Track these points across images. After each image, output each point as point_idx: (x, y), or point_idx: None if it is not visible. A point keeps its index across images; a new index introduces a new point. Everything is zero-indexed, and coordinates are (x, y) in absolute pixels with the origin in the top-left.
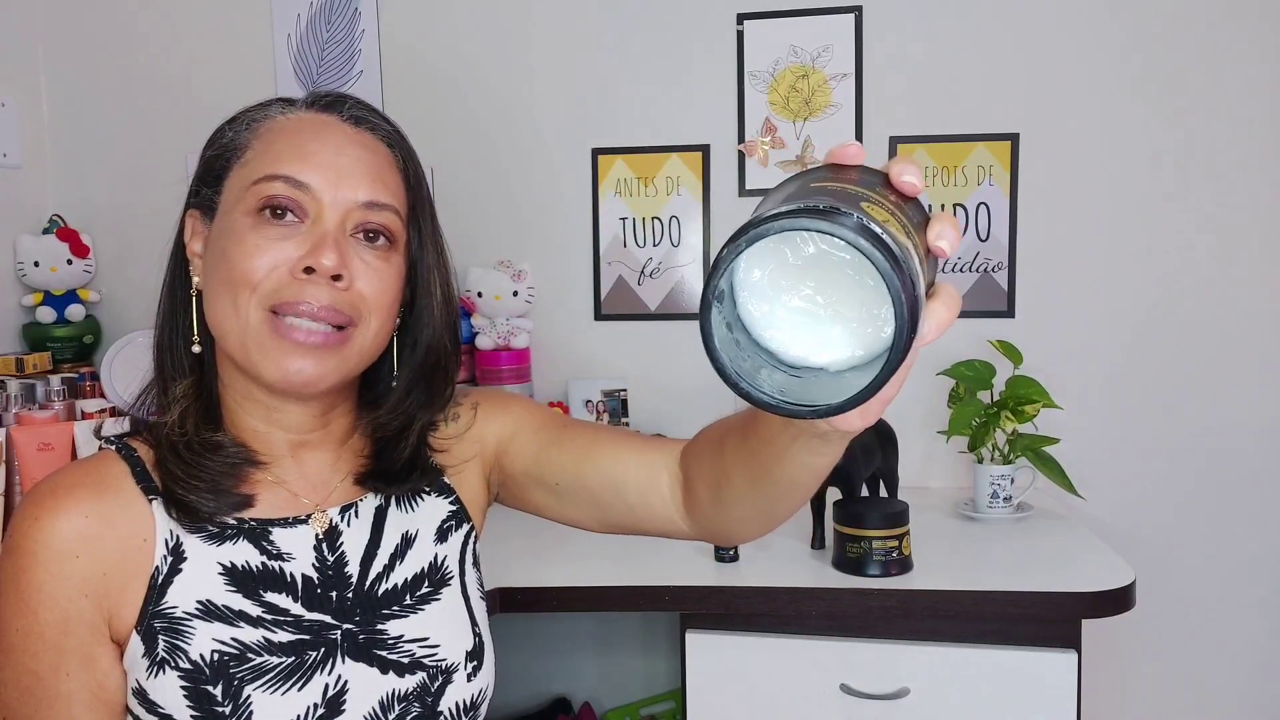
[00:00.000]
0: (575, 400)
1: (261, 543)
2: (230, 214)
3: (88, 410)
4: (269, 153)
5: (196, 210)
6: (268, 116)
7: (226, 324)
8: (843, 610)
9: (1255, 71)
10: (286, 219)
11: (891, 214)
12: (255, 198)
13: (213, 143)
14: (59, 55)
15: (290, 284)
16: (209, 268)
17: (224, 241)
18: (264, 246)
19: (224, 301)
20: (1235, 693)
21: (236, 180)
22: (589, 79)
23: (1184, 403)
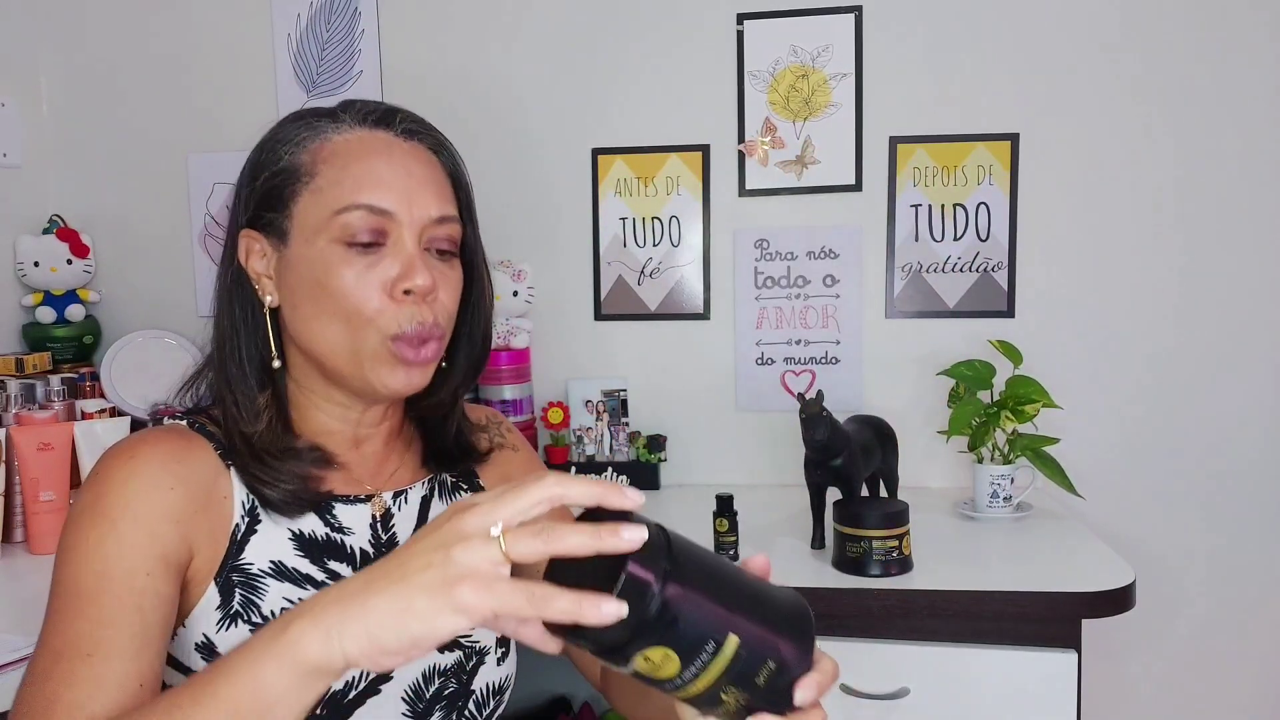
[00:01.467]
0: (575, 400)
1: (325, 515)
2: (313, 242)
3: (88, 410)
4: (345, 180)
5: (257, 231)
6: (323, 135)
7: (336, 345)
8: (843, 610)
9: (1256, 71)
10: (372, 248)
11: None
12: (343, 228)
13: (265, 166)
14: (59, 55)
15: (399, 312)
16: (298, 292)
17: (315, 270)
18: (363, 277)
19: (333, 327)
20: (1235, 692)
21: (312, 206)
22: (589, 79)
23: (1184, 403)
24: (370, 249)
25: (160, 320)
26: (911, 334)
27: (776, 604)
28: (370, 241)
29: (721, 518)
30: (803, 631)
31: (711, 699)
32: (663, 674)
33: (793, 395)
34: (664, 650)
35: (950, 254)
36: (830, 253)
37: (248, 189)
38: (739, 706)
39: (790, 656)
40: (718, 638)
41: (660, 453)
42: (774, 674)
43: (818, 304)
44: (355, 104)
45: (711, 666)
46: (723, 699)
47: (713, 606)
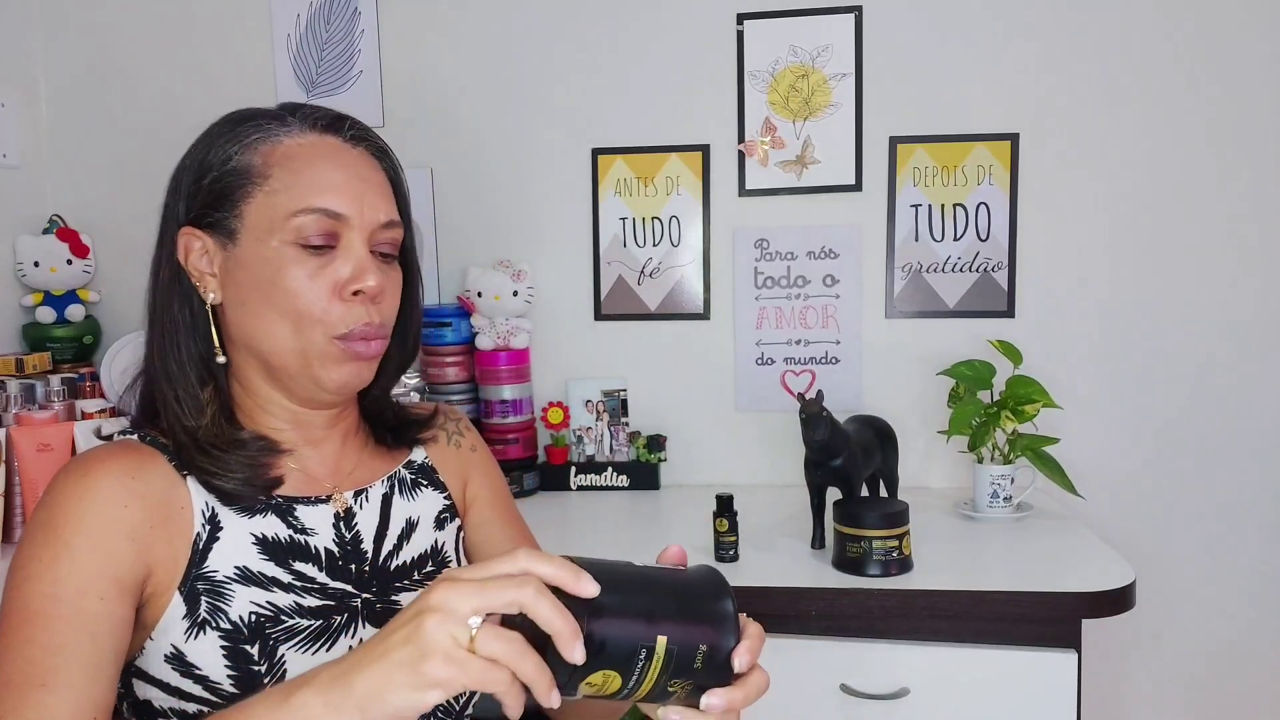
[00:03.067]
0: (575, 400)
1: (287, 517)
2: (266, 242)
3: (87, 410)
4: (298, 184)
5: (198, 229)
6: (274, 137)
7: (282, 344)
8: (843, 610)
9: (1256, 70)
10: (323, 251)
11: None
12: (297, 230)
13: (211, 165)
14: (58, 55)
15: (347, 312)
16: (247, 290)
17: (267, 270)
18: (314, 278)
19: (282, 325)
20: (1235, 692)
21: (265, 208)
22: (589, 79)
23: (1184, 403)
24: (322, 251)
25: None
26: (911, 334)
27: (693, 592)
28: (322, 244)
29: (721, 518)
30: (722, 608)
31: (660, 694)
32: (609, 690)
33: (793, 395)
34: (603, 673)
35: (950, 254)
36: (830, 253)
37: (191, 186)
38: (687, 692)
39: (717, 636)
40: (648, 646)
41: (660, 453)
42: (708, 654)
43: (818, 304)
44: (301, 108)
45: (650, 671)
46: (670, 691)
47: (634, 621)
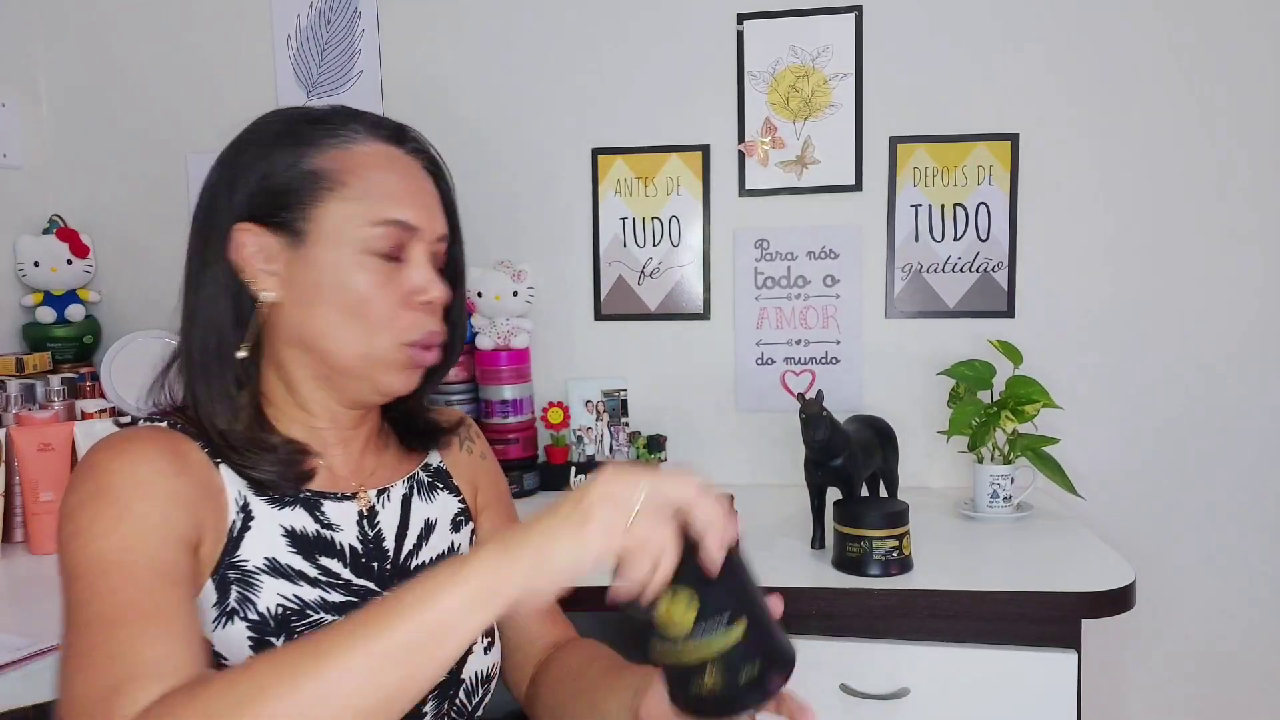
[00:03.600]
0: (575, 400)
1: (315, 512)
2: (338, 246)
3: (88, 410)
4: (374, 193)
5: (259, 225)
6: (344, 143)
7: (349, 347)
8: (843, 610)
9: (1256, 70)
10: (393, 259)
11: None
12: (373, 239)
13: (279, 164)
14: (59, 56)
15: (414, 320)
16: (315, 292)
17: (339, 274)
18: (385, 285)
19: (348, 329)
20: (1235, 692)
21: (341, 214)
22: (589, 79)
23: (1185, 403)
24: (391, 260)
25: (160, 320)
26: (911, 334)
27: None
28: (392, 254)
29: None
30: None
31: (695, 673)
32: (675, 627)
33: (793, 395)
34: (690, 595)
35: (950, 254)
36: (830, 253)
37: (255, 183)
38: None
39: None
40: (734, 614)
41: (660, 453)
42: (753, 680)
43: (818, 304)
44: (362, 115)
45: (716, 638)
46: (704, 680)
47: (743, 591)
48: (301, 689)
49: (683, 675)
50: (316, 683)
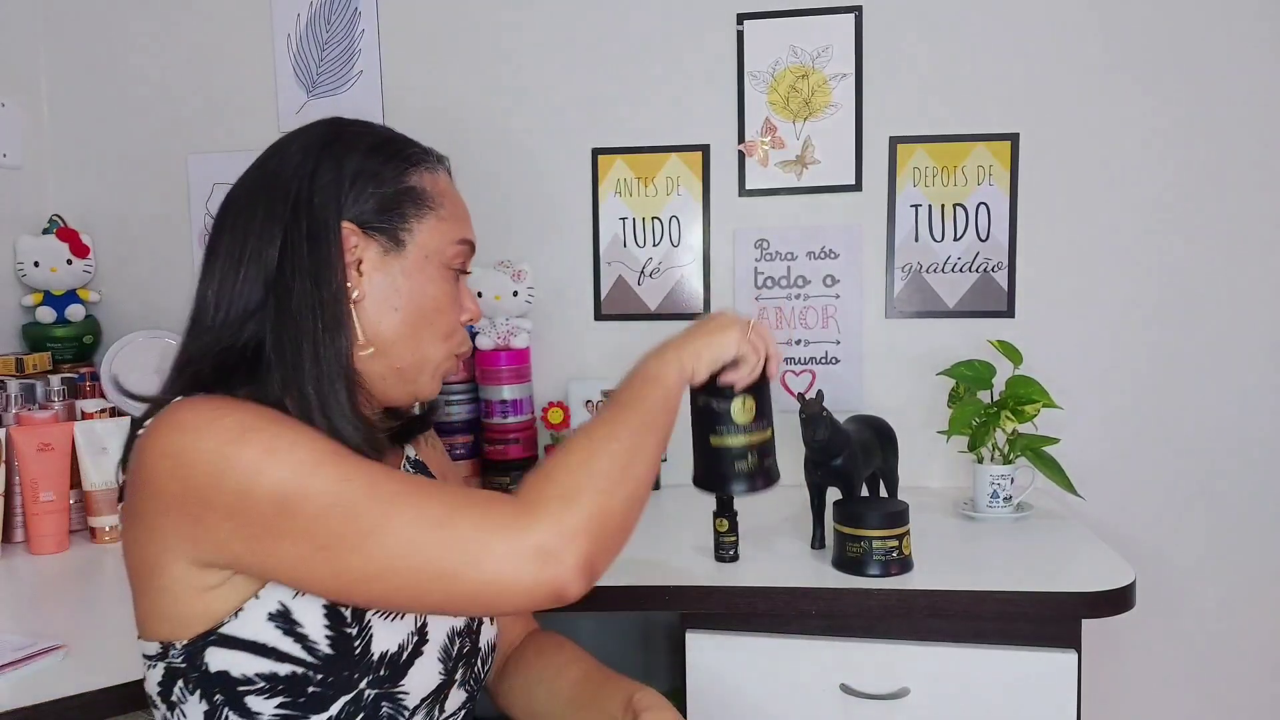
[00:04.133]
0: (575, 400)
1: None
2: (430, 259)
3: (87, 410)
4: (457, 217)
5: (361, 228)
6: (430, 169)
7: (413, 351)
8: (843, 610)
9: (1256, 71)
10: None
11: None
12: (458, 258)
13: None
14: (59, 56)
15: (464, 334)
16: (402, 298)
17: (424, 284)
18: (454, 301)
19: (419, 334)
20: (1235, 692)
21: (433, 231)
22: (589, 79)
23: (1184, 402)
24: (457, 278)
25: (160, 320)
26: (911, 334)
27: None
28: (462, 272)
29: (721, 518)
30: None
31: (738, 455)
32: (741, 416)
33: (793, 395)
34: (752, 400)
35: (950, 254)
36: (830, 253)
37: (367, 190)
38: (742, 471)
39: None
40: (769, 422)
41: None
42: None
43: (818, 304)
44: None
45: (759, 433)
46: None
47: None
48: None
49: (729, 456)
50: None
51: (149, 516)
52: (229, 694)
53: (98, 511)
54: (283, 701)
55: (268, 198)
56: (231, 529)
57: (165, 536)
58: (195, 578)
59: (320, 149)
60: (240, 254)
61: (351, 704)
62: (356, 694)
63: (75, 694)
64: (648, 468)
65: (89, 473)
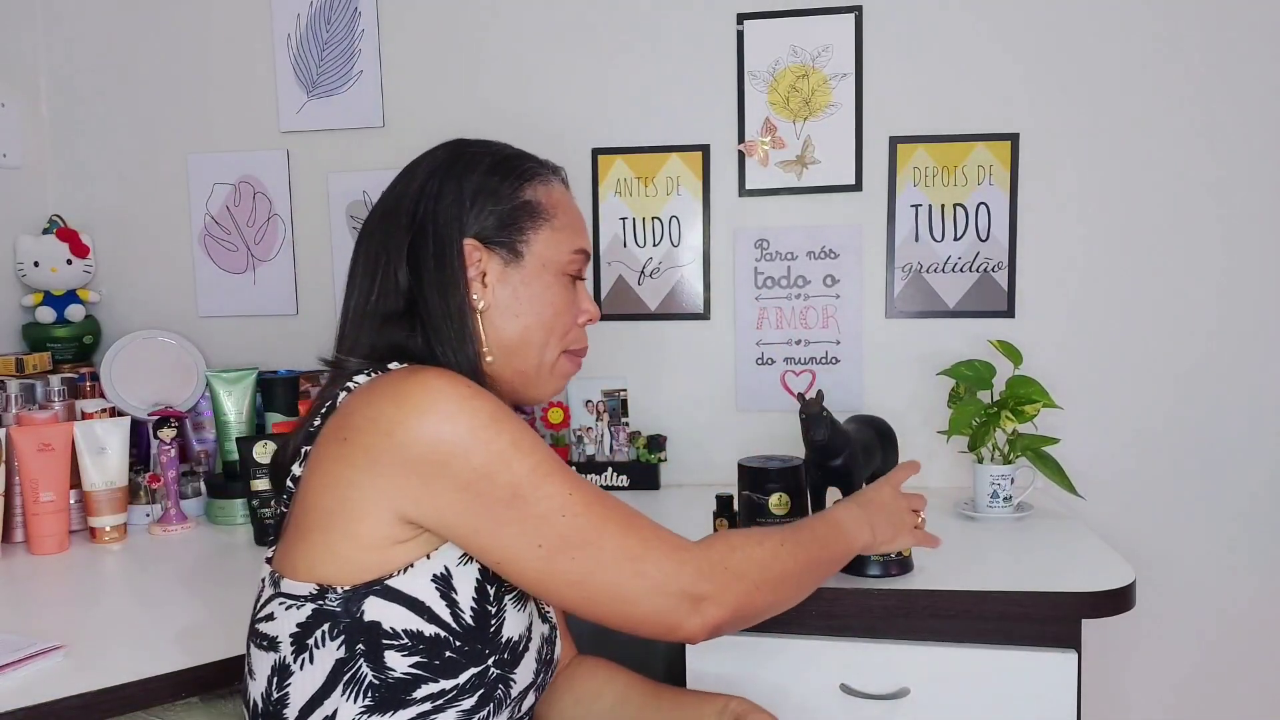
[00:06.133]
0: (575, 400)
1: None
2: (547, 267)
3: (88, 410)
4: (572, 226)
5: (483, 243)
6: (546, 182)
7: (535, 354)
8: (843, 610)
9: (1257, 70)
10: (575, 283)
11: None
12: (573, 265)
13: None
14: (59, 56)
15: (580, 334)
16: (522, 305)
17: (541, 290)
18: (571, 305)
19: (539, 336)
20: (1235, 692)
21: (550, 241)
22: (589, 79)
23: (1184, 402)
24: (574, 283)
25: (160, 320)
26: (911, 334)
27: None
28: (577, 277)
29: (721, 518)
30: None
31: None
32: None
33: (793, 395)
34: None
35: (950, 254)
36: (830, 253)
37: (486, 208)
38: None
39: None
40: None
41: (660, 453)
42: None
43: (818, 304)
44: (547, 162)
45: None
46: None
47: None
48: (802, 583)
49: None
50: (801, 577)
51: (370, 463)
52: (371, 644)
53: (98, 511)
54: (419, 661)
55: (396, 218)
56: (461, 502)
57: (385, 486)
58: (392, 530)
59: (444, 171)
60: (375, 270)
61: (477, 677)
62: (483, 669)
63: (75, 694)
64: (797, 592)
65: (89, 473)
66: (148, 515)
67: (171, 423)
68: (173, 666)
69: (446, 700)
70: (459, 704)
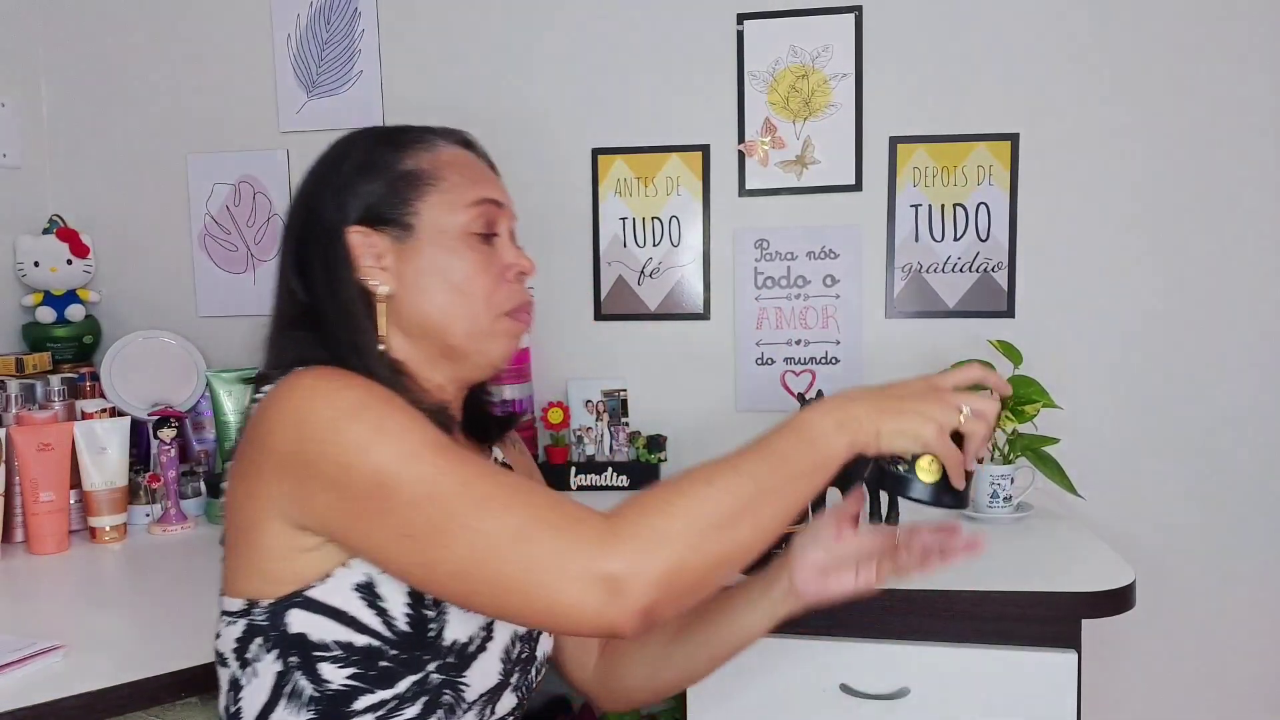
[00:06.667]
0: (575, 400)
1: None
2: (444, 233)
3: (87, 410)
4: (467, 182)
5: (371, 227)
6: (433, 147)
7: (458, 324)
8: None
9: (1256, 71)
10: (488, 239)
11: None
12: (477, 223)
13: (380, 170)
14: (59, 56)
15: (510, 291)
16: (425, 279)
17: (444, 258)
18: (485, 264)
19: (457, 307)
20: (1235, 692)
21: (440, 205)
22: (589, 79)
23: (1184, 402)
24: (487, 240)
25: (160, 320)
26: (911, 334)
27: None
28: (489, 233)
29: None
30: None
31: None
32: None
33: (793, 395)
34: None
35: (950, 254)
36: (830, 253)
37: (364, 189)
38: None
39: None
40: None
41: (660, 453)
42: None
43: (818, 304)
44: (433, 128)
45: None
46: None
47: None
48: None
49: None
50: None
51: (258, 474)
52: (304, 657)
53: (98, 511)
54: (354, 673)
55: (288, 226)
56: (330, 500)
57: (271, 495)
58: (292, 539)
59: (325, 165)
60: (281, 276)
61: (417, 685)
62: (423, 676)
63: (75, 694)
64: (756, 534)
65: (89, 473)
66: (148, 515)
67: (171, 423)
68: (172, 666)
69: (388, 710)
70: (401, 713)
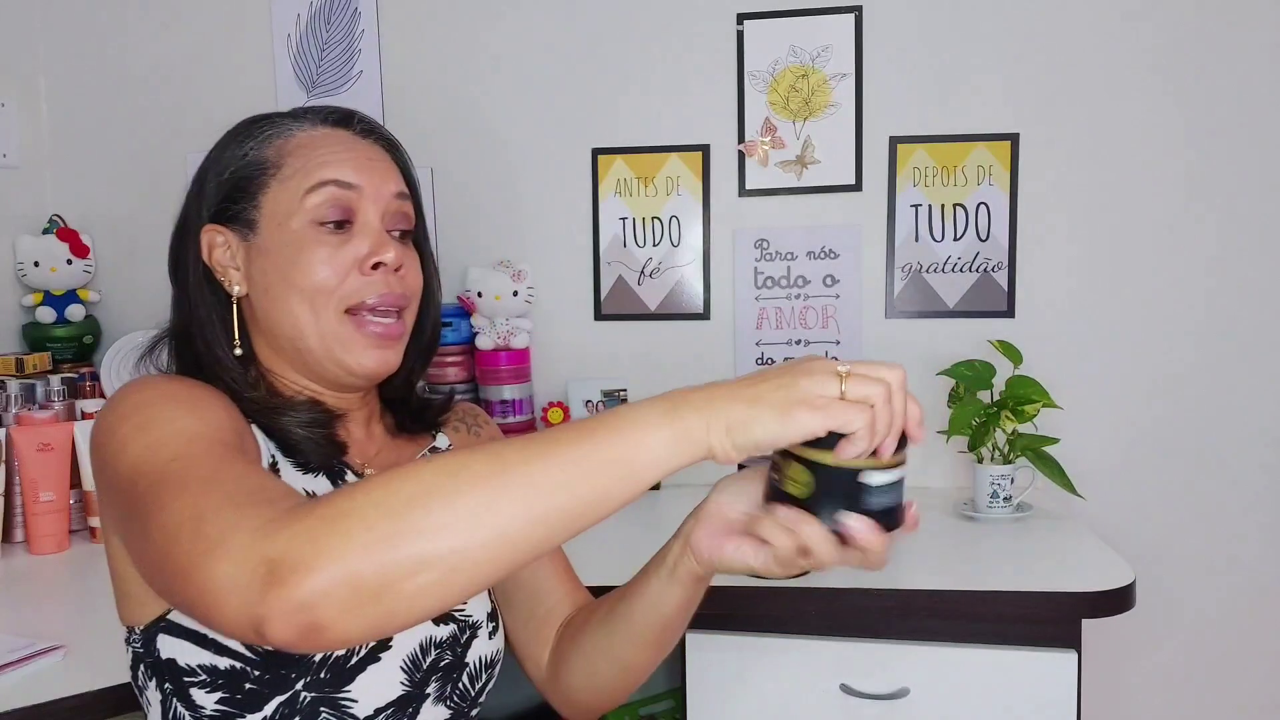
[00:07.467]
0: (575, 400)
1: (337, 482)
2: (285, 226)
3: (87, 410)
4: (311, 163)
5: (220, 225)
6: (286, 132)
7: (303, 327)
8: (843, 610)
9: (1257, 71)
10: (343, 227)
11: None
12: (314, 208)
13: (228, 162)
14: (58, 56)
15: (361, 284)
16: (270, 276)
17: (287, 254)
18: (334, 256)
19: (300, 307)
20: (1235, 692)
21: (281, 194)
22: (589, 79)
23: (1184, 402)
24: (341, 229)
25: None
26: (911, 334)
27: None
28: (341, 220)
29: None
30: None
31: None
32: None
33: None
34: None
35: (950, 254)
36: (830, 253)
37: (212, 185)
38: None
39: None
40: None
41: None
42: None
43: (818, 304)
44: (316, 108)
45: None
46: None
47: None
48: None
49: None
50: (496, 491)
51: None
52: (177, 683)
53: (98, 511)
54: (222, 697)
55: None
56: (113, 507)
57: (105, 515)
58: None
59: (202, 163)
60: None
61: (286, 706)
62: (292, 695)
63: (75, 694)
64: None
65: (89, 473)
66: None
67: None
68: None
69: None
70: None
